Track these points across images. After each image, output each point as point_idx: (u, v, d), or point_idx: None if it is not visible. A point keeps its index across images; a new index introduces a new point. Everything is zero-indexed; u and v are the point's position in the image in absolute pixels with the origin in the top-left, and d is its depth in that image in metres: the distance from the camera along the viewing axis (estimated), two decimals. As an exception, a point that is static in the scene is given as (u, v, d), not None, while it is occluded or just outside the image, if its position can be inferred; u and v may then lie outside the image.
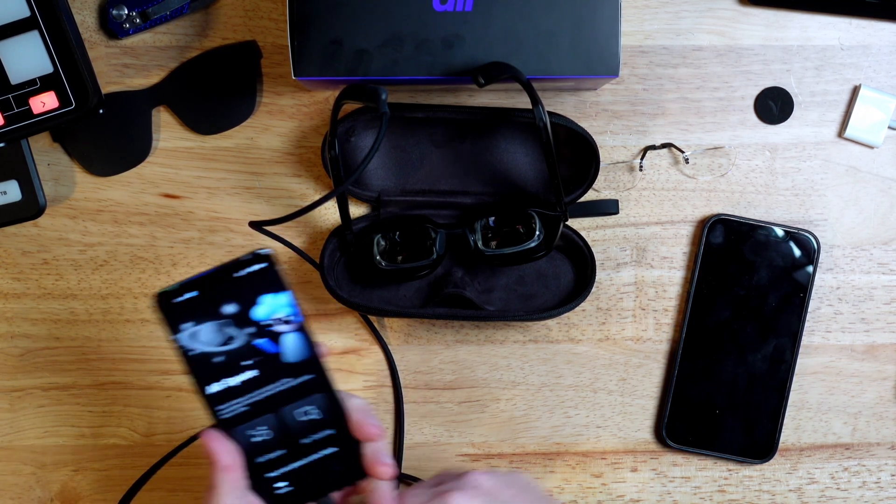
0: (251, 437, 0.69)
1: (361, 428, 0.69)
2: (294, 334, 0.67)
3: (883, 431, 0.92)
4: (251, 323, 0.66)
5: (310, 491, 0.71)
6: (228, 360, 0.67)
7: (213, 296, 0.66)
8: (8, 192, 0.88)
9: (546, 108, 0.87)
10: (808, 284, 0.89)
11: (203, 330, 0.66)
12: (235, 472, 0.68)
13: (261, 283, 0.66)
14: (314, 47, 0.78)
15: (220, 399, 0.68)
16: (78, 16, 0.88)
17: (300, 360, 0.68)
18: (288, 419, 0.69)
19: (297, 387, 0.68)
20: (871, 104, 0.89)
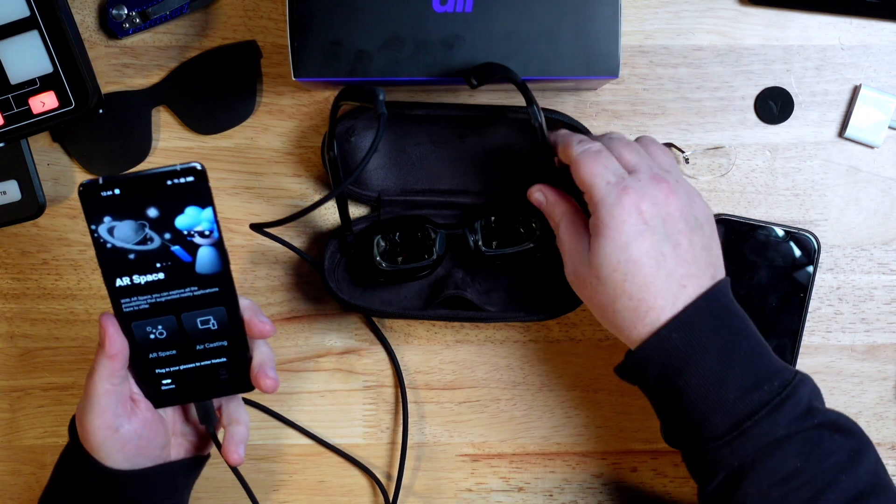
0: (149, 333, 0.74)
1: (252, 324, 0.75)
2: (209, 248, 0.71)
3: (883, 431, 0.92)
4: (171, 229, 0.70)
5: (192, 392, 0.77)
6: (142, 259, 0.71)
7: (139, 197, 0.69)
8: (7, 191, 0.88)
9: (546, 106, 0.88)
10: (809, 284, 0.89)
11: (122, 226, 0.69)
12: (118, 361, 0.73)
13: (188, 194, 0.69)
14: (314, 48, 0.78)
15: (125, 292, 0.72)
16: (78, 16, 0.88)
17: (211, 272, 0.72)
18: (186, 324, 0.74)
19: (202, 296, 0.73)
20: (872, 104, 0.89)
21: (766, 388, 0.72)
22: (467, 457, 0.93)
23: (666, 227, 0.74)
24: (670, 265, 0.73)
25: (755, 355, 0.74)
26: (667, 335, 0.72)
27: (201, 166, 0.68)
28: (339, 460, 0.93)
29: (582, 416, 0.93)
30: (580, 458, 0.93)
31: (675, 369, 0.73)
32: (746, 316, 0.76)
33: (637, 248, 0.73)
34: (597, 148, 0.76)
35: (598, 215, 0.74)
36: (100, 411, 0.74)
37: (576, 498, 0.93)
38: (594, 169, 0.75)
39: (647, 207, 0.73)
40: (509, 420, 0.93)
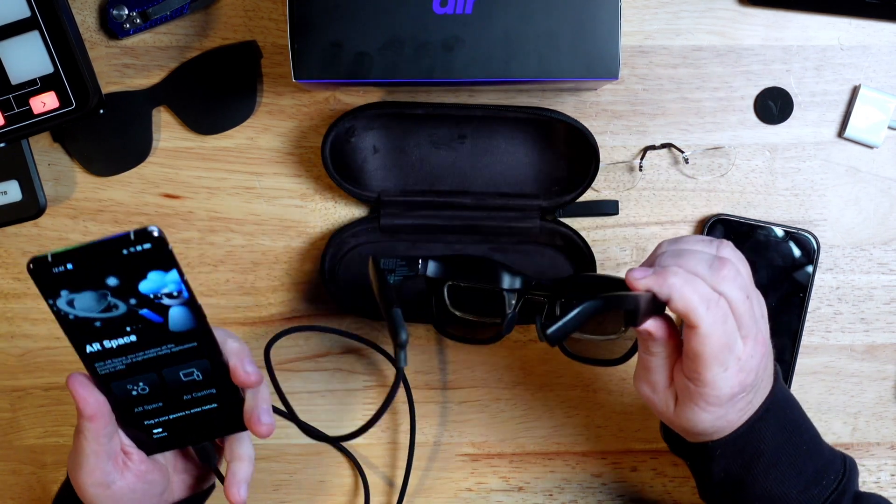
0: (130, 390, 0.70)
1: (236, 374, 0.70)
2: (180, 307, 0.67)
3: (882, 431, 0.92)
4: (136, 294, 0.65)
5: (186, 437, 0.74)
6: (109, 325, 0.67)
7: (94, 268, 0.64)
8: (8, 192, 0.88)
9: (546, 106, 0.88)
10: (808, 284, 0.89)
11: (82, 297, 0.65)
12: (99, 422, 0.69)
13: (147, 260, 0.64)
14: (314, 50, 0.78)
15: (98, 357, 0.68)
16: (78, 16, 0.88)
17: (185, 329, 0.68)
18: (168, 378, 0.70)
19: (181, 352, 0.69)
20: (871, 104, 0.89)
21: (824, 483, 0.74)
22: (467, 456, 0.93)
23: (756, 382, 0.72)
24: (753, 401, 0.72)
25: (814, 445, 0.75)
26: (742, 436, 0.72)
27: (158, 231, 0.63)
28: (340, 460, 0.93)
29: (582, 416, 0.93)
30: (580, 458, 0.93)
31: (746, 463, 0.73)
32: (795, 400, 0.77)
33: (734, 412, 0.71)
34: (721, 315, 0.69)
35: (704, 394, 0.70)
36: (90, 470, 0.70)
37: (575, 497, 0.93)
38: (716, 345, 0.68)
39: (751, 378, 0.70)
40: (509, 420, 0.93)
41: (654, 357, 0.72)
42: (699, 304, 0.67)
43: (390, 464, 0.93)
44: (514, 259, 0.90)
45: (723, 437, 0.73)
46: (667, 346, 0.71)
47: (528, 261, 0.90)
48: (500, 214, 0.89)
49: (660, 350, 0.71)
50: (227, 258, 0.91)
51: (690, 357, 0.69)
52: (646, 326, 0.70)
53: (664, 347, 0.71)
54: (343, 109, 0.89)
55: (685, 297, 0.67)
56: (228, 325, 0.91)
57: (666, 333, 0.71)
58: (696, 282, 0.68)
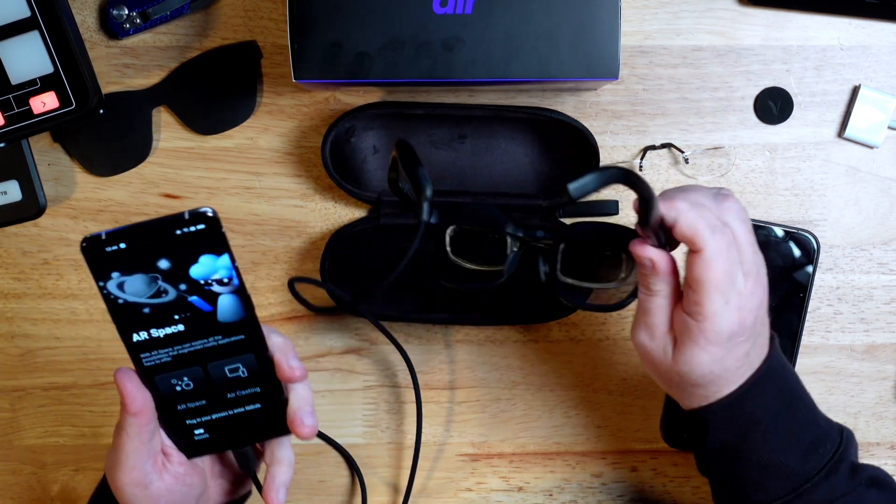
0: (174, 385, 0.69)
1: (281, 368, 0.69)
2: (230, 296, 0.66)
3: (882, 431, 0.92)
4: (186, 280, 0.65)
5: (227, 440, 0.72)
6: (158, 312, 0.66)
7: (147, 249, 0.63)
8: (8, 192, 0.88)
9: (546, 106, 0.88)
10: (808, 284, 0.89)
11: (133, 280, 0.64)
12: (143, 418, 0.68)
13: (200, 242, 0.63)
14: (314, 50, 0.78)
15: (144, 347, 0.67)
16: (78, 16, 0.88)
17: (234, 320, 0.67)
18: (214, 374, 0.69)
19: (228, 345, 0.68)
20: (871, 104, 0.89)
21: (821, 452, 0.73)
22: (467, 456, 0.93)
23: (755, 327, 0.71)
24: (751, 353, 0.72)
25: (810, 414, 0.75)
26: (738, 401, 0.72)
27: (213, 212, 0.62)
28: (340, 460, 0.93)
29: (582, 416, 0.93)
30: (580, 458, 0.93)
31: (742, 431, 0.73)
32: (794, 370, 0.77)
33: (731, 358, 0.71)
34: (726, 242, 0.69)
35: (704, 329, 0.69)
36: (129, 469, 0.69)
37: (575, 497, 0.93)
38: (719, 271, 0.68)
39: (749, 320, 0.70)
40: (509, 420, 0.93)
41: (655, 297, 0.71)
42: (705, 227, 0.67)
43: (392, 464, 0.93)
44: (514, 259, 0.90)
45: (719, 399, 0.72)
46: (669, 283, 0.71)
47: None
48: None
49: (661, 287, 0.71)
50: (227, 258, 0.91)
51: (693, 286, 0.68)
52: (650, 255, 0.70)
53: (666, 285, 0.71)
54: (343, 109, 0.89)
55: (691, 220, 0.67)
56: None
57: (669, 267, 0.70)
58: (702, 208, 0.69)
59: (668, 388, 0.75)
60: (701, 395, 0.72)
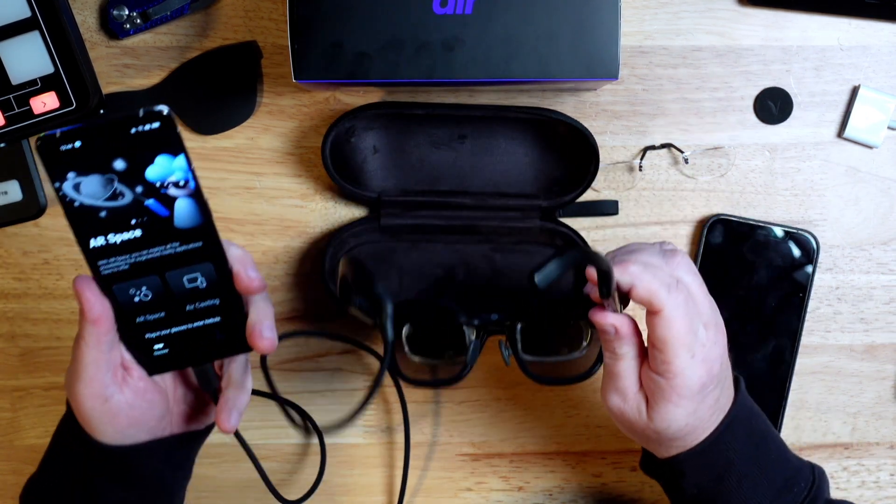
0: (133, 295, 0.68)
1: (239, 279, 0.68)
2: (187, 199, 0.65)
3: (882, 431, 0.92)
4: (142, 182, 0.64)
5: (187, 356, 0.71)
6: (114, 216, 0.65)
7: (103, 148, 0.63)
8: (9, 192, 0.88)
9: (546, 106, 0.88)
10: (808, 284, 0.90)
11: (89, 181, 0.64)
12: (103, 326, 0.67)
13: (155, 142, 0.63)
14: (314, 50, 0.78)
15: (101, 253, 0.66)
16: (78, 16, 0.89)
17: (191, 226, 0.66)
18: (172, 283, 0.68)
19: (186, 253, 0.67)
20: (871, 104, 0.89)
21: (795, 491, 0.74)
22: (467, 456, 0.93)
23: (721, 373, 0.72)
24: (720, 399, 0.72)
25: (781, 454, 0.76)
26: (710, 448, 0.72)
27: (168, 110, 0.62)
28: (340, 460, 0.93)
29: (582, 416, 0.93)
30: (580, 458, 0.93)
31: (717, 475, 0.73)
32: (760, 410, 0.77)
33: (704, 407, 0.71)
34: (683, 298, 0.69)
35: (676, 386, 0.69)
36: (88, 380, 0.69)
37: (575, 497, 0.93)
38: (681, 328, 0.69)
39: (715, 369, 0.71)
40: (509, 420, 0.93)
41: (622, 360, 0.72)
42: (660, 287, 0.68)
43: (388, 464, 0.93)
44: (514, 259, 0.90)
45: (692, 447, 0.72)
46: (634, 345, 0.71)
47: (529, 261, 0.90)
48: (500, 214, 0.89)
49: (627, 350, 0.71)
50: (228, 258, 0.91)
51: (658, 346, 0.69)
52: (612, 321, 0.70)
53: (631, 347, 0.71)
54: (343, 109, 0.89)
55: (646, 282, 0.68)
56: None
57: (631, 329, 0.71)
58: (654, 269, 0.69)
59: (644, 443, 0.75)
60: (677, 445, 0.73)
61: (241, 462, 0.85)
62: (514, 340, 0.80)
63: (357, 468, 0.93)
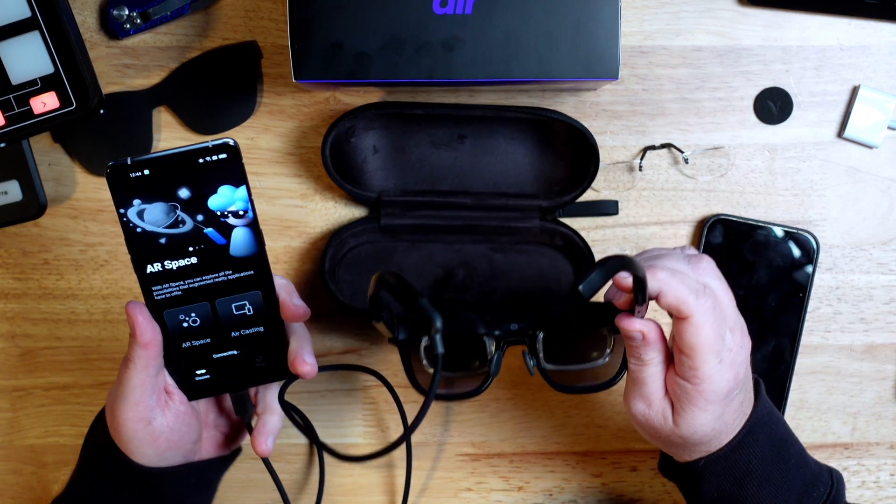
0: (182, 321, 0.71)
1: (286, 307, 0.71)
2: (244, 229, 0.68)
3: (882, 431, 0.92)
4: (204, 210, 0.67)
5: (228, 382, 0.74)
6: (174, 243, 0.68)
7: (169, 177, 0.66)
8: (9, 192, 0.88)
9: (546, 106, 0.88)
10: (808, 284, 0.90)
11: (153, 209, 0.66)
12: (152, 350, 0.70)
13: (221, 172, 0.66)
14: (314, 50, 0.78)
15: (156, 279, 0.69)
16: (78, 16, 0.89)
17: (246, 255, 0.69)
18: (221, 310, 0.71)
19: (237, 280, 0.70)
20: (871, 104, 0.89)
21: (815, 496, 0.74)
22: (467, 456, 0.93)
23: (746, 377, 0.72)
24: (744, 402, 0.73)
25: (801, 458, 0.76)
26: (731, 453, 0.73)
27: (234, 142, 0.65)
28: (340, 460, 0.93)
29: (582, 416, 0.93)
30: (580, 458, 0.93)
31: (737, 480, 0.73)
32: (780, 414, 0.77)
33: (730, 411, 0.71)
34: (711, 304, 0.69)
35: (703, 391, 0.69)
36: (133, 403, 0.70)
37: (575, 497, 0.93)
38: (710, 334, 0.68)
39: (741, 373, 0.71)
40: (509, 420, 0.93)
41: (648, 366, 0.72)
42: (689, 293, 0.68)
43: (389, 464, 0.93)
44: (514, 259, 0.90)
45: (713, 452, 0.72)
46: (660, 351, 0.71)
47: (528, 261, 0.90)
48: (500, 214, 0.89)
49: (653, 356, 0.71)
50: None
51: (686, 352, 0.69)
52: (639, 327, 0.70)
53: (658, 353, 0.71)
54: (343, 109, 0.89)
55: (674, 288, 0.68)
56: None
57: (658, 335, 0.71)
58: (682, 275, 0.69)
59: (667, 448, 0.75)
60: (700, 450, 0.73)
61: (241, 462, 0.85)
62: (536, 350, 0.79)
63: (357, 468, 0.93)
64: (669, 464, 0.77)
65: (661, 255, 0.72)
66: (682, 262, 0.71)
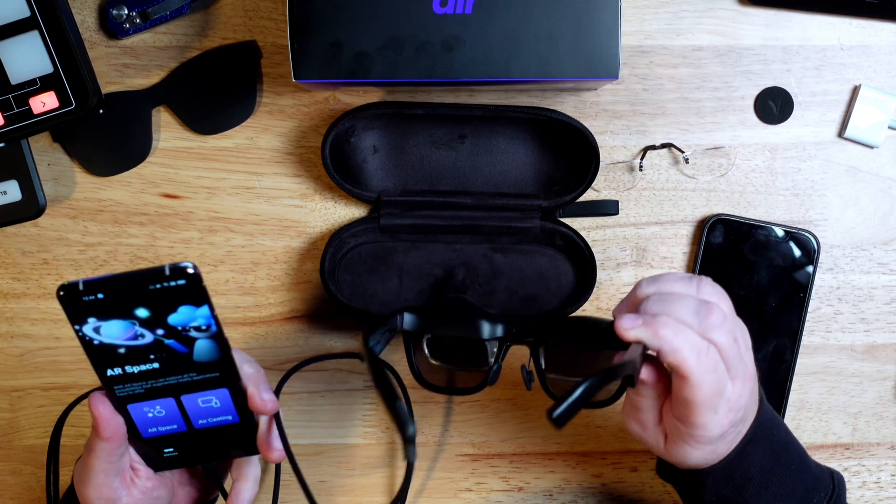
0: (147, 412, 0.69)
1: (253, 401, 0.70)
2: (207, 340, 0.66)
3: (883, 431, 0.92)
4: (164, 326, 0.65)
5: (196, 457, 0.73)
6: (133, 352, 0.66)
7: (125, 299, 0.63)
8: (8, 192, 0.88)
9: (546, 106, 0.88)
10: (808, 284, 0.89)
11: (109, 325, 0.64)
12: (114, 443, 0.69)
13: (179, 295, 0.63)
14: (314, 50, 0.78)
15: (118, 380, 0.67)
16: (78, 16, 0.88)
17: (209, 360, 0.67)
18: (187, 405, 0.70)
19: (202, 380, 0.68)
20: (871, 104, 0.89)
21: (815, 501, 0.74)
22: (467, 456, 0.93)
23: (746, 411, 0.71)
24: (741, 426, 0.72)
25: (802, 462, 0.75)
26: (732, 462, 0.72)
27: (194, 268, 0.62)
28: (340, 460, 0.93)
29: (582, 417, 0.93)
30: (580, 458, 0.93)
31: (737, 487, 0.73)
32: (781, 420, 0.77)
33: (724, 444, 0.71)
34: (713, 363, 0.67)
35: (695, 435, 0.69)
36: (97, 486, 0.70)
37: (575, 498, 0.93)
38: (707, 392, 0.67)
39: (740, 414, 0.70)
40: (509, 420, 0.93)
41: (643, 398, 0.72)
42: (690, 354, 0.66)
43: (389, 464, 0.93)
44: (514, 259, 0.90)
45: (713, 464, 0.72)
46: (656, 388, 0.71)
47: (529, 260, 0.90)
48: (500, 214, 0.89)
49: (649, 392, 0.71)
50: (227, 258, 0.91)
51: (681, 403, 0.68)
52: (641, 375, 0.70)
53: (653, 389, 0.71)
54: (343, 109, 0.89)
55: (676, 350, 0.66)
56: (228, 325, 0.91)
57: (655, 377, 0.70)
58: (686, 331, 0.67)
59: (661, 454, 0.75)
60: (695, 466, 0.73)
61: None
62: (538, 359, 0.78)
63: (357, 468, 0.93)
64: (667, 467, 0.77)
65: (669, 299, 0.69)
66: (690, 312, 0.68)
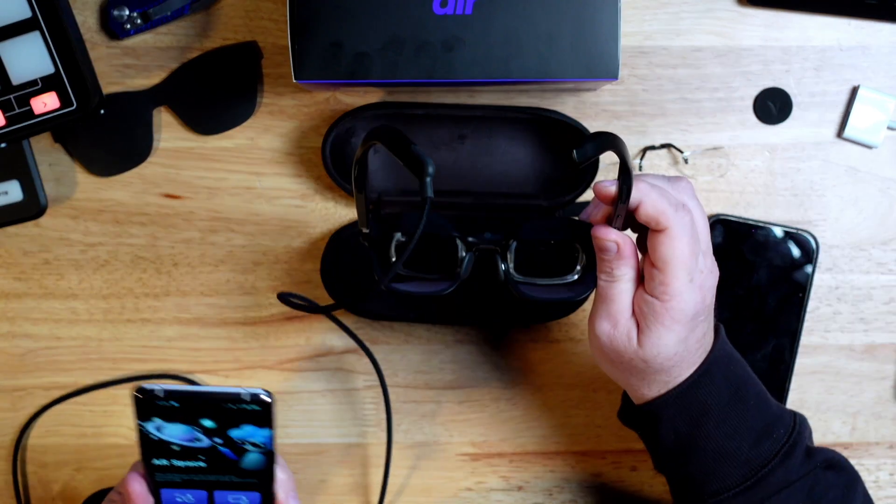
0: (178, 498, 0.71)
1: None
2: (259, 455, 0.68)
3: (882, 431, 0.92)
4: (223, 436, 0.67)
5: None
6: (186, 451, 0.68)
7: (196, 410, 0.66)
8: (9, 192, 0.88)
9: (546, 106, 0.88)
10: (808, 284, 0.90)
11: (172, 427, 0.67)
12: None
13: (248, 416, 0.66)
14: (315, 50, 0.78)
15: (161, 469, 0.69)
16: (79, 16, 0.89)
17: (254, 469, 0.69)
18: (218, 500, 0.71)
19: (239, 483, 0.70)
20: (870, 104, 0.89)
21: (775, 436, 0.74)
22: (467, 456, 0.93)
23: (711, 307, 0.72)
24: (706, 335, 0.73)
25: (761, 400, 0.75)
26: (687, 391, 0.72)
27: (270, 397, 0.66)
28: (340, 460, 0.93)
29: (582, 416, 0.93)
30: (580, 458, 0.93)
31: (694, 420, 0.73)
32: (741, 358, 0.77)
33: (693, 338, 0.71)
34: (689, 220, 0.70)
35: (670, 309, 0.70)
36: None
37: (575, 497, 0.93)
38: (685, 249, 0.69)
39: (708, 299, 0.71)
40: (509, 419, 0.93)
41: (618, 282, 0.71)
42: (668, 206, 0.69)
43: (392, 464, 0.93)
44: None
45: (670, 390, 0.72)
46: (632, 267, 0.71)
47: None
48: (500, 215, 0.89)
49: (624, 271, 0.71)
50: (228, 258, 0.92)
51: (659, 266, 0.69)
52: (614, 237, 0.71)
53: (630, 268, 0.71)
54: (343, 110, 0.89)
55: (655, 200, 0.69)
56: (228, 325, 0.92)
57: (632, 249, 0.71)
58: (662, 189, 0.70)
59: (626, 378, 0.74)
60: (662, 380, 0.73)
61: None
62: (506, 258, 0.79)
63: (357, 468, 0.93)
64: (629, 411, 0.77)
65: (642, 174, 0.73)
66: (661, 179, 0.72)
